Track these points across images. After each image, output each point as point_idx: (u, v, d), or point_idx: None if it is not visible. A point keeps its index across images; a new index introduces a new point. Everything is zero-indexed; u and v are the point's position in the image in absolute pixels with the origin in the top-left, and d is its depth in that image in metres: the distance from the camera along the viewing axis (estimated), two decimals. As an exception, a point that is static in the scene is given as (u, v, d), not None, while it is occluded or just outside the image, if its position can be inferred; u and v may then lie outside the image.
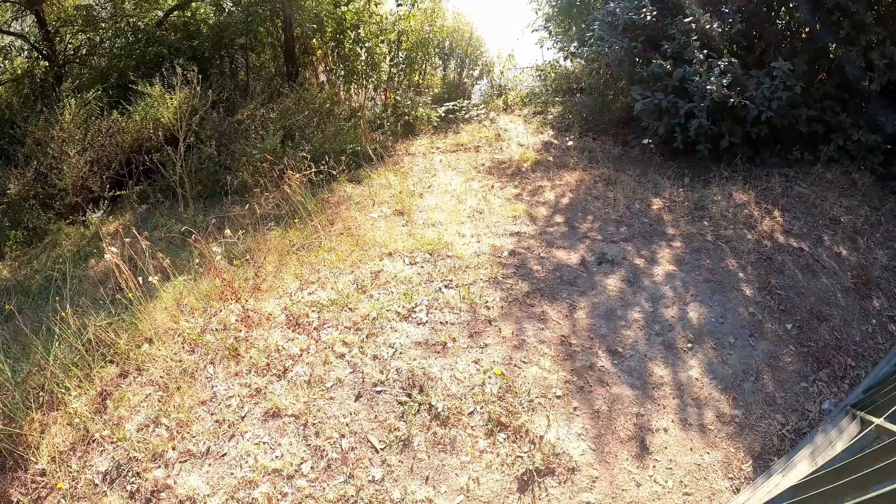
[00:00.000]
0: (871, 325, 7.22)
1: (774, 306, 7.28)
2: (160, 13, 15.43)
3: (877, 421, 4.84)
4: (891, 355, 6.73)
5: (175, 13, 15.42)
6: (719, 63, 10.39)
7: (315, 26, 14.52)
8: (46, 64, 14.79)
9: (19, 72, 15.05)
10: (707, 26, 10.91)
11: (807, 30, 11.63)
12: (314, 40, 15.63)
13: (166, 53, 14.32)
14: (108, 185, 11.10)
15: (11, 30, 15.24)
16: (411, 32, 15.94)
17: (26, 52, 15.30)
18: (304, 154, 10.55)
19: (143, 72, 13.45)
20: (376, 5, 15.82)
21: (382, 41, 15.75)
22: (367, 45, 15.53)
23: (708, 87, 10.09)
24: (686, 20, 11.01)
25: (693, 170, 10.93)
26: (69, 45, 15.25)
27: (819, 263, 8.15)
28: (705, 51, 10.65)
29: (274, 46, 15.83)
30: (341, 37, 15.47)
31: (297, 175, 9.54)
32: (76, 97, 11.76)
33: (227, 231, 7.91)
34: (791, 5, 11.56)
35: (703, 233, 8.74)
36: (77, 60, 15.14)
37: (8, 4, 14.99)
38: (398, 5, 15.72)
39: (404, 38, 15.96)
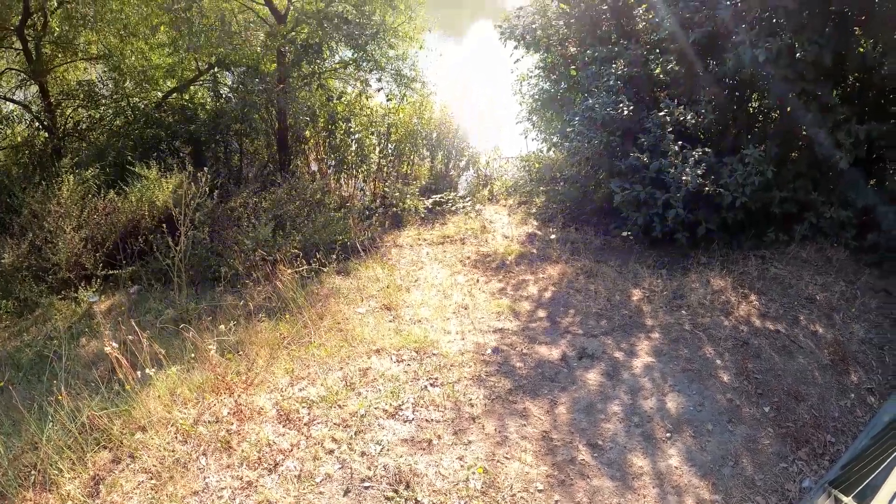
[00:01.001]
0: (849, 399, 7.48)
1: (752, 390, 7.54)
2: (159, 94, 16.03)
3: (845, 500, 5.02)
4: (870, 428, 6.92)
5: (174, 95, 16.02)
6: (693, 153, 10.89)
7: (308, 118, 15.16)
8: (46, 135, 15.22)
9: (19, 139, 15.47)
10: (681, 118, 11.45)
11: (777, 113, 12.19)
12: (307, 131, 16.28)
13: (164, 136, 14.87)
14: (101, 264, 11.35)
15: (15, 98, 15.80)
16: (400, 125, 16.58)
17: (27, 122, 15.77)
18: (296, 246, 10.91)
19: (140, 152, 13.92)
20: (367, 98, 16.51)
21: (372, 133, 16.37)
22: (357, 136, 16.15)
23: (683, 177, 10.56)
24: (661, 113, 11.56)
25: (672, 257, 11.31)
26: (70, 119, 15.74)
27: (795, 344, 8.44)
28: (680, 142, 11.18)
29: (268, 134, 16.44)
30: (333, 127, 16.14)
31: (289, 271, 9.86)
32: (75, 174, 12.12)
33: (222, 327, 8.20)
34: (761, 92, 12.16)
35: (681, 322, 9.04)
36: (76, 135, 15.59)
37: (13, 73, 15.60)
38: (388, 100, 16.39)
39: (394, 130, 16.59)
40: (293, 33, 14.41)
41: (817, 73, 10.65)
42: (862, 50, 11.08)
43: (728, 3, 10.81)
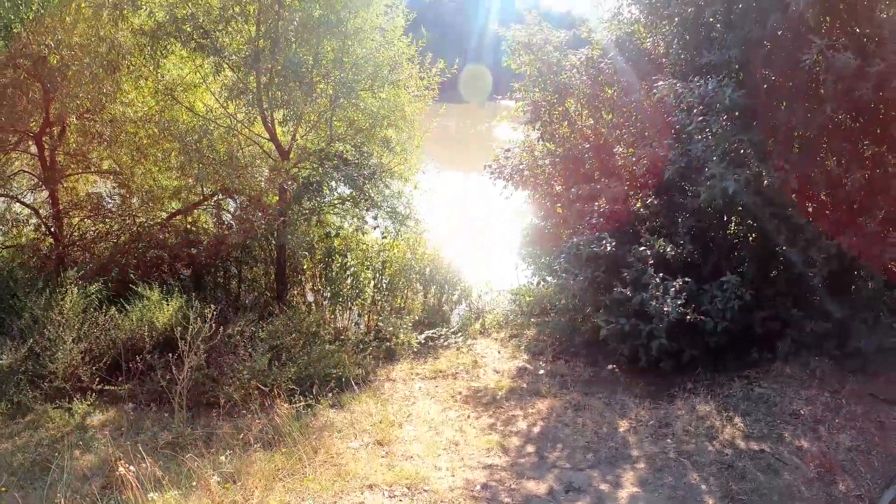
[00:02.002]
0: (838, 510, 7.61)
1: (737, 512, 7.70)
2: (164, 214, 16.63)
3: None
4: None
5: (178, 217, 16.64)
6: (674, 284, 11.37)
7: (307, 252, 15.77)
8: (52, 241, 15.65)
9: (24, 241, 15.89)
10: (661, 250, 12.01)
11: (753, 235, 12.80)
12: (304, 262, 16.91)
13: (166, 257, 15.35)
14: (98, 378, 11.55)
15: (25, 200, 16.29)
16: (395, 260, 17.18)
17: (35, 225, 16.22)
18: (291, 378, 11.21)
19: (142, 271, 14.40)
20: (363, 234, 17.16)
21: (368, 267, 16.95)
22: (353, 269, 16.72)
23: (665, 308, 11.01)
24: (641, 248, 12.13)
25: (659, 385, 11.61)
26: (76, 229, 16.22)
27: (780, 461, 8.64)
28: (661, 274, 11.66)
29: (266, 262, 17.05)
30: (329, 260, 16.72)
31: (286, 406, 10.13)
32: (78, 286, 12.41)
33: (222, 458, 8.40)
34: (738, 216, 12.89)
35: (666, 451, 9.26)
36: (81, 245, 16.03)
37: (26, 175, 16.16)
38: (383, 237, 17.04)
39: (388, 265, 17.17)
40: (295, 169, 15.21)
41: (786, 196, 11.29)
42: (828, 166, 11.75)
43: (699, 137, 11.55)
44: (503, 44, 16.16)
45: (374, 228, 16.78)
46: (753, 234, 13.00)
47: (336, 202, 16.30)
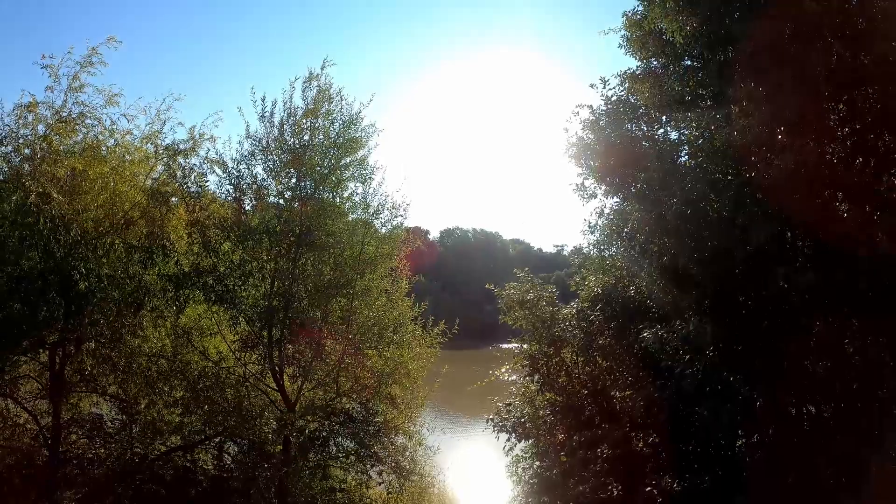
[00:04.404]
0: None
1: None
2: (163, 447, 16.24)
3: None
4: None
5: (178, 453, 16.25)
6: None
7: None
8: (48, 454, 14.95)
9: (19, 444, 15.27)
10: (668, 488, 12.04)
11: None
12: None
13: (163, 493, 14.95)
14: None
15: (27, 406, 15.62)
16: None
17: (33, 433, 15.50)
18: None
19: None
20: (367, 488, 17.12)
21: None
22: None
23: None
24: (648, 489, 12.23)
25: None
26: (74, 447, 15.66)
27: None
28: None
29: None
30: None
31: None
32: None
33: None
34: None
35: None
36: (78, 465, 15.29)
37: (31, 381, 15.71)
38: (388, 492, 16.92)
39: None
40: (302, 422, 15.58)
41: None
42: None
43: (689, 372, 12.11)
44: (499, 302, 17.21)
45: (379, 484, 16.75)
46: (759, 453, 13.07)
47: (341, 455, 16.44)
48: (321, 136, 16.37)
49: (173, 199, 15.05)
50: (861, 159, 11.80)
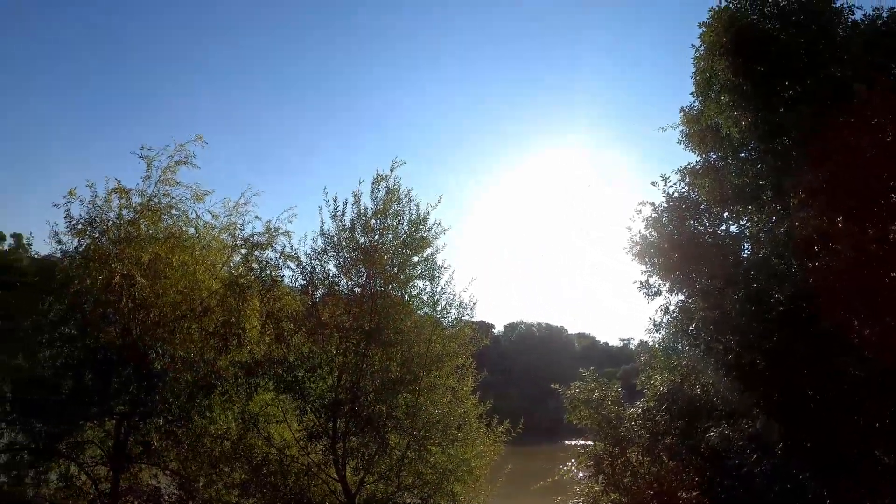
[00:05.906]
0: None
1: None
2: None
3: None
4: None
5: None
6: None
7: None
8: None
9: None
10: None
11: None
12: None
13: None
14: None
15: (88, 469, 15.79)
16: None
17: (90, 497, 15.59)
18: None
19: None
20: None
21: None
22: None
23: None
24: None
25: None
26: None
27: None
28: None
29: None
30: None
31: None
32: None
33: None
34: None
35: None
36: None
37: (94, 447, 15.82)
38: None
39: None
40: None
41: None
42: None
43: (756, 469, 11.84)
44: (563, 401, 17.19)
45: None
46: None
47: (403, 552, 16.34)
48: (390, 235, 16.94)
49: (249, 289, 15.67)
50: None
